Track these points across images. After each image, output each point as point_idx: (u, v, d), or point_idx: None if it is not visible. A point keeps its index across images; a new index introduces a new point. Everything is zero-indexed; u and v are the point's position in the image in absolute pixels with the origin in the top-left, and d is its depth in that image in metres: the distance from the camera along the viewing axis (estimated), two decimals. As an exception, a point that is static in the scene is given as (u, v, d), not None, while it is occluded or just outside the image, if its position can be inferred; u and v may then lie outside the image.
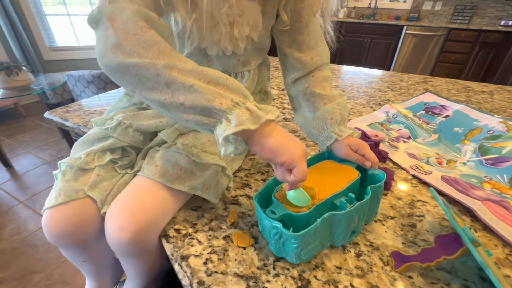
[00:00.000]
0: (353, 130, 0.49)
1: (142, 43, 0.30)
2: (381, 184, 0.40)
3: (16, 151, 2.32)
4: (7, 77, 1.73)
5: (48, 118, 0.78)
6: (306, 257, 0.35)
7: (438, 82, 1.17)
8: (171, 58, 0.31)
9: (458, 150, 0.64)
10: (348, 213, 0.35)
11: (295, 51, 0.52)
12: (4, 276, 1.31)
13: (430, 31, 3.36)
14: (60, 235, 0.42)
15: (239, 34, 0.42)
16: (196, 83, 0.30)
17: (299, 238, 0.33)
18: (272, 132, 0.33)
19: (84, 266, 0.53)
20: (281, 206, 0.37)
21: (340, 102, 0.51)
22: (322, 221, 0.34)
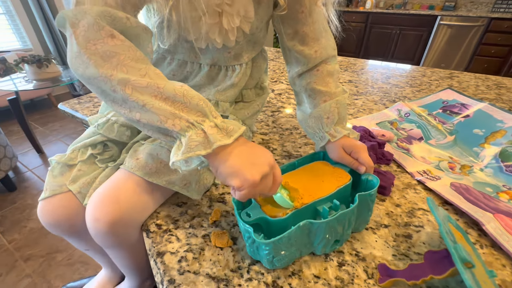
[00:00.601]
0: (350, 131, 0.46)
1: (101, 53, 0.29)
2: (371, 192, 0.36)
3: (48, 138, 2.50)
4: (38, 69, 1.85)
5: (61, 108, 0.82)
6: (279, 264, 0.34)
7: (465, 77, 1.06)
8: (129, 70, 0.29)
9: (476, 154, 0.57)
10: (328, 223, 0.33)
11: (298, 44, 0.48)
12: (32, 253, 1.43)
13: (468, 22, 3.08)
14: (51, 224, 0.46)
15: (228, 25, 0.39)
16: (149, 102, 0.28)
17: (270, 245, 0.31)
18: (228, 157, 0.30)
19: (90, 255, 0.57)
20: (258, 209, 0.35)
21: (339, 100, 0.48)
22: (297, 228, 0.32)
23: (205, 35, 0.41)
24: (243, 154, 0.30)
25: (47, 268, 1.35)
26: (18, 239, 1.51)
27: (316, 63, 0.49)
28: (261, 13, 0.45)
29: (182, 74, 0.49)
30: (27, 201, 1.77)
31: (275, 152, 0.60)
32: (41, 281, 1.29)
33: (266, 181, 0.31)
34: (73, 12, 0.29)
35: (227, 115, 0.50)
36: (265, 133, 0.67)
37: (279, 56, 1.46)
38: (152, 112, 0.29)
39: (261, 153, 0.32)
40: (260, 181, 0.29)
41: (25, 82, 1.98)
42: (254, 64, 0.53)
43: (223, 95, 0.49)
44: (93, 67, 0.29)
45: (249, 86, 0.55)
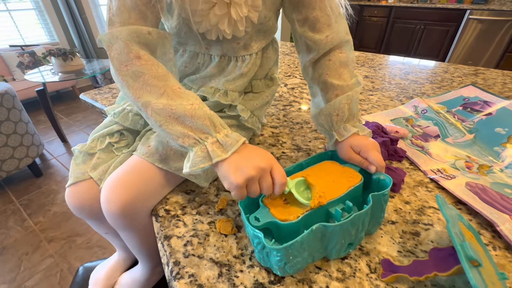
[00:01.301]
0: (359, 128, 0.44)
1: (131, 74, 0.35)
2: (385, 191, 0.34)
3: (71, 128, 2.63)
4: (63, 62, 1.95)
5: (82, 98, 0.86)
6: (292, 271, 0.32)
7: (492, 74, 1.00)
8: (152, 90, 0.35)
9: (496, 154, 0.54)
10: (342, 225, 0.31)
11: (308, 31, 0.46)
12: (55, 235, 1.53)
13: (501, 16, 2.88)
14: (76, 208, 0.50)
15: (237, 15, 0.40)
16: (164, 123, 0.35)
17: (281, 251, 0.29)
18: (223, 164, 0.34)
19: (108, 238, 0.60)
20: (267, 213, 0.33)
21: (350, 95, 0.45)
22: (310, 232, 0.30)
23: (215, 27, 0.41)
24: (233, 160, 0.34)
25: (68, 250, 1.44)
26: (42, 222, 1.61)
27: (327, 49, 0.46)
28: (268, 2, 0.44)
29: (193, 65, 0.50)
30: (52, 187, 1.88)
31: (284, 145, 0.60)
32: (62, 262, 1.37)
33: (254, 183, 0.33)
34: (107, 37, 0.35)
35: (236, 104, 0.51)
36: (276, 127, 0.67)
37: (294, 51, 1.44)
38: (167, 132, 0.35)
39: (251, 158, 0.34)
40: (248, 183, 0.33)
41: (52, 74, 2.09)
42: (264, 55, 0.53)
43: (233, 84, 0.49)
44: (126, 88, 0.36)
45: (259, 77, 0.55)
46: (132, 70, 0.35)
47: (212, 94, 0.49)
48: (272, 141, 0.61)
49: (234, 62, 0.49)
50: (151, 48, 0.38)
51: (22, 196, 1.79)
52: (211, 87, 0.50)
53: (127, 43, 0.35)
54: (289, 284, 0.32)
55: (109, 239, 0.61)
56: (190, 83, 0.51)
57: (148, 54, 0.36)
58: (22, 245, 1.46)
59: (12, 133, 1.64)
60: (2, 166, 1.65)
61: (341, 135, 0.43)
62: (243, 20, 0.41)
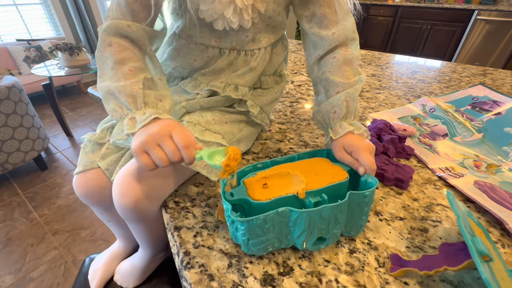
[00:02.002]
0: (355, 127, 0.43)
1: (101, 58, 0.40)
2: (366, 192, 0.33)
3: (76, 123, 2.65)
4: (69, 57, 1.96)
5: (90, 92, 0.86)
6: (255, 249, 0.33)
7: (500, 75, 0.99)
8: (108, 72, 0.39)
9: (505, 153, 0.54)
10: (309, 213, 0.31)
11: (316, 27, 0.46)
12: (59, 227, 1.55)
13: (509, 17, 2.85)
14: (83, 195, 0.51)
15: (242, 3, 0.40)
16: (105, 99, 0.39)
17: (244, 224, 0.30)
18: (133, 138, 0.36)
19: (110, 226, 0.61)
20: (244, 192, 0.35)
21: (350, 93, 0.44)
22: (275, 213, 0.31)
23: (221, 15, 0.42)
24: (139, 134, 0.35)
25: (72, 242, 1.46)
26: (47, 214, 1.63)
27: (333, 45, 0.46)
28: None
29: (203, 59, 0.50)
30: (57, 180, 1.90)
31: (291, 141, 0.60)
32: (66, 254, 1.39)
33: (152, 148, 0.34)
34: (100, 28, 0.41)
35: (246, 99, 0.51)
36: (283, 123, 0.67)
37: (301, 49, 1.44)
38: (106, 107, 0.40)
39: (152, 128, 0.35)
40: (147, 150, 0.34)
41: (58, 68, 2.10)
42: (273, 51, 0.53)
43: (242, 79, 0.50)
44: (98, 70, 0.41)
45: (268, 73, 0.55)
46: (103, 55, 0.40)
47: (223, 89, 0.49)
48: (279, 137, 0.61)
49: (243, 56, 0.49)
50: (132, 39, 0.41)
51: (27, 189, 1.81)
52: (221, 81, 0.50)
53: (104, 33, 0.40)
54: (298, 276, 0.33)
55: (111, 227, 0.61)
56: (200, 78, 0.51)
57: (121, 43, 0.40)
58: (27, 237, 1.48)
59: (18, 126, 1.66)
60: (8, 159, 1.67)
61: (336, 133, 0.43)
62: (249, 8, 0.42)
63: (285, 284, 0.32)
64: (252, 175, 0.38)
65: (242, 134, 0.52)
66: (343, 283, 0.32)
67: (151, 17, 0.42)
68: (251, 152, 0.56)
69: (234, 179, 0.37)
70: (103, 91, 0.39)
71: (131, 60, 0.40)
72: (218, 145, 0.47)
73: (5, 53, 2.77)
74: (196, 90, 0.51)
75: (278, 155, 0.55)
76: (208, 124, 0.47)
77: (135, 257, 0.59)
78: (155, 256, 0.58)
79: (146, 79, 0.39)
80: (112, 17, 0.40)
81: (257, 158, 0.54)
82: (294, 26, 3.16)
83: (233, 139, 0.50)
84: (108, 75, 0.39)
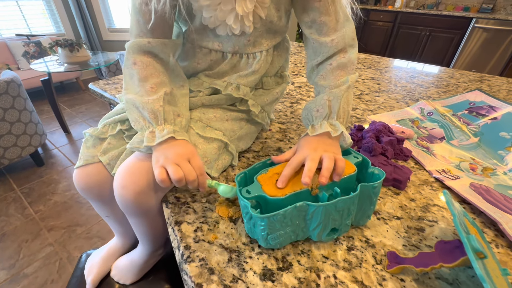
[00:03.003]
0: (333, 129, 0.43)
1: (128, 74, 0.46)
2: (374, 184, 0.35)
3: (74, 119, 2.64)
4: (69, 53, 1.96)
5: (91, 88, 0.86)
6: (273, 243, 0.34)
7: (497, 81, 1.01)
8: (133, 87, 0.45)
9: (500, 157, 0.55)
10: (325, 207, 0.32)
11: (315, 33, 0.47)
12: (55, 224, 1.54)
13: (506, 26, 2.90)
14: (84, 189, 0.51)
15: (242, 10, 0.41)
16: (128, 110, 0.44)
17: (264, 220, 0.32)
18: (153, 151, 0.42)
19: (109, 222, 0.61)
20: (259, 188, 0.36)
21: (333, 92, 0.44)
22: (293, 208, 0.32)
23: (222, 22, 0.43)
24: (160, 149, 0.41)
25: (67, 239, 1.45)
26: (43, 210, 1.62)
27: (331, 52, 0.46)
28: (276, 1, 0.45)
29: (206, 62, 0.51)
30: (53, 176, 1.88)
31: (291, 141, 0.61)
32: (61, 250, 1.38)
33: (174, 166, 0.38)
34: (126, 45, 0.46)
35: (247, 99, 0.52)
36: (283, 123, 0.68)
37: (301, 51, 1.45)
38: (129, 116, 0.45)
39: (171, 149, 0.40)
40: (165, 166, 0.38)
41: (58, 64, 2.09)
42: (275, 53, 0.53)
43: (245, 80, 0.51)
44: (123, 82, 0.46)
45: (269, 74, 0.56)
46: (130, 72, 0.45)
47: (225, 87, 0.50)
48: (280, 136, 0.62)
49: (245, 59, 0.50)
50: (154, 53, 0.46)
51: (23, 185, 1.80)
52: (223, 81, 0.51)
53: (129, 52, 0.46)
54: (297, 271, 0.33)
55: (109, 222, 0.61)
56: (204, 78, 0.52)
57: (144, 60, 0.45)
58: (22, 233, 1.47)
59: (16, 121, 1.65)
60: (4, 154, 1.66)
61: (314, 130, 0.44)
62: (249, 15, 0.43)
63: (284, 279, 0.32)
64: (264, 171, 0.39)
65: (242, 132, 0.53)
66: (341, 278, 0.33)
67: (168, 29, 0.47)
68: (252, 151, 0.56)
69: None
70: (129, 103, 0.44)
71: (153, 76, 0.45)
72: (219, 141, 0.47)
73: (4, 48, 2.75)
74: (198, 88, 0.52)
75: (278, 153, 0.56)
76: (209, 120, 0.48)
77: (134, 253, 0.59)
78: (154, 253, 0.58)
79: (166, 93, 0.44)
80: (135, 34, 0.45)
81: (258, 156, 0.55)
82: (295, 29, 3.18)
83: (234, 136, 0.51)
84: (134, 90, 0.45)
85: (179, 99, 0.47)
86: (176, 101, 0.47)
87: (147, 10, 0.42)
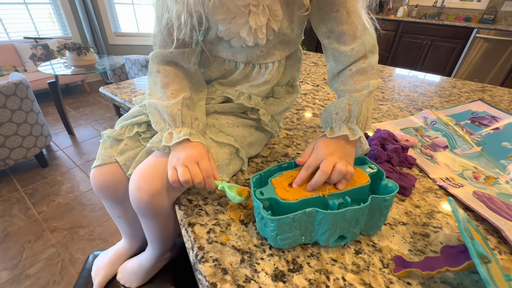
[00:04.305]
0: (351, 132, 0.43)
1: (152, 80, 0.50)
2: (386, 197, 0.36)
3: (78, 121, 2.66)
4: (77, 56, 1.99)
5: (102, 92, 0.89)
6: (282, 243, 0.36)
7: (499, 92, 1.03)
8: (157, 92, 0.49)
9: (502, 166, 0.57)
10: (334, 215, 0.34)
11: (334, 42, 0.47)
12: (58, 225, 1.54)
13: (507, 36, 2.93)
14: (100, 188, 0.53)
15: (255, 24, 0.43)
16: (150, 112, 0.48)
17: (274, 222, 0.33)
18: (171, 150, 0.45)
19: (119, 223, 0.62)
20: (272, 191, 0.38)
21: (354, 96, 0.44)
22: (302, 213, 0.34)
23: (237, 35, 0.45)
24: (176, 149, 0.44)
25: (70, 240, 1.45)
26: (46, 211, 1.63)
27: (352, 60, 0.46)
28: (289, 14, 0.46)
29: (219, 71, 0.53)
30: (57, 178, 1.90)
31: (298, 147, 0.62)
32: (64, 252, 1.38)
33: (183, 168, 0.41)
34: (150, 55, 0.50)
35: (259, 108, 0.53)
36: (290, 129, 0.70)
37: (306, 58, 1.48)
38: (151, 118, 0.48)
39: (185, 150, 0.43)
40: (176, 167, 0.41)
41: (65, 67, 2.13)
42: (287, 63, 0.55)
43: (257, 89, 0.52)
44: (148, 88, 0.51)
45: (281, 84, 0.57)
46: (154, 79, 0.49)
47: (237, 96, 0.52)
48: (287, 142, 0.64)
49: (257, 69, 0.52)
50: (175, 61, 0.50)
51: (27, 185, 1.81)
52: (236, 90, 0.53)
53: (153, 61, 0.50)
54: (307, 273, 0.35)
55: (119, 224, 0.62)
56: (217, 85, 0.54)
57: (166, 69, 0.49)
58: (25, 233, 1.48)
59: (23, 122, 1.67)
60: (10, 154, 1.68)
61: (332, 132, 0.44)
62: (263, 28, 0.44)
63: (295, 280, 0.34)
64: (279, 175, 0.41)
65: (252, 139, 0.54)
66: (349, 281, 0.34)
67: (189, 41, 0.49)
68: (260, 156, 0.58)
69: None
70: (152, 106, 0.48)
71: (174, 83, 0.49)
72: (231, 146, 0.49)
73: (11, 50, 2.80)
74: (211, 96, 0.53)
75: (286, 159, 0.57)
76: (222, 126, 0.50)
77: (142, 256, 0.60)
78: (162, 256, 0.59)
79: (184, 98, 0.47)
80: (159, 45, 0.49)
81: (266, 161, 0.56)
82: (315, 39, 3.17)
83: (244, 142, 0.52)
84: (157, 95, 0.49)
85: (197, 104, 0.50)
86: (194, 105, 0.49)
87: (171, 32, 0.45)
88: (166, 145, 0.44)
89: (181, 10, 0.41)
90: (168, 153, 0.45)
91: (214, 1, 0.39)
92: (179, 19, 0.42)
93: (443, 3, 3.50)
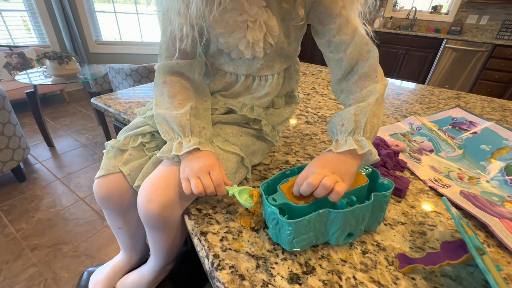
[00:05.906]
0: (359, 146, 0.40)
1: (159, 91, 0.51)
2: (386, 193, 0.40)
3: (58, 132, 2.55)
4: (58, 65, 1.92)
5: (94, 103, 0.87)
6: (298, 246, 0.37)
7: (472, 99, 1.12)
8: (164, 103, 0.50)
9: (483, 167, 0.62)
10: (344, 213, 0.37)
11: (334, 51, 0.47)
12: (39, 242, 1.46)
13: (472, 46, 3.19)
14: (103, 197, 0.52)
15: (252, 38, 0.46)
16: (159, 122, 0.49)
17: (292, 225, 0.35)
18: (181, 159, 0.46)
19: (119, 234, 0.60)
20: (283, 196, 0.40)
21: (360, 107, 0.42)
22: (316, 214, 0.36)
23: (236, 47, 0.48)
24: (186, 159, 0.45)
25: (53, 258, 1.38)
26: (25, 229, 1.54)
27: (352, 64, 0.46)
28: (285, 29, 0.48)
29: (221, 84, 0.55)
30: (36, 192, 1.80)
31: (297, 154, 0.65)
32: (46, 271, 1.31)
33: (195, 179, 0.42)
34: (156, 66, 0.52)
35: (261, 119, 0.56)
36: (287, 137, 0.72)
37: (293, 68, 1.53)
38: (159, 128, 0.49)
39: (196, 160, 0.44)
40: (189, 178, 0.43)
41: (44, 76, 2.04)
42: (286, 75, 0.57)
43: (258, 101, 0.54)
44: (154, 98, 0.52)
45: (280, 95, 0.60)
46: (159, 90, 0.51)
47: (240, 108, 0.54)
48: (286, 150, 0.66)
49: (258, 82, 0.54)
50: (181, 71, 0.51)
51: (3, 201, 1.70)
52: (238, 101, 0.55)
53: (159, 72, 0.51)
54: (320, 274, 0.36)
55: (119, 235, 0.61)
56: (219, 97, 0.56)
57: (173, 79, 0.51)
58: (2, 253, 1.38)
59: (-1, 134, 1.58)
60: (-15, 169, 1.58)
61: (338, 147, 0.41)
62: (260, 42, 0.47)
63: (310, 281, 0.35)
64: (285, 181, 0.43)
65: (255, 147, 0.56)
66: (360, 279, 0.36)
67: (193, 52, 0.51)
68: (262, 164, 0.60)
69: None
70: (159, 116, 0.48)
71: (181, 93, 0.50)
72: (236, 155, 0.50)
73: (-16, 58, 2.65)
74: (214, 106, 0.55)
75: (287, 166, 0.60)
76: (227, 135, 0.52)
77: (143, 269, 0.59)
78: (164, 268, 0.59)
79: (191, 107, 0.48)
80: (165, 56, 0.51)
81: (269, 169, 0.58)
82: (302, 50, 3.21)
83: (248, 150, 0.54)
84: (164, 106, 0.50)
85: (202, 113, 0.51)
86: (200, 114, 0.50)
87: (174, 43, 0.47)
88: (176, 154, 0.45)
89: (183, 22, 0.44)
90: (177, 162, 0.46)
91: (215, 15, 0.42)
92: (181, 30, 0.45)
93: (415, 16, 3.76)
